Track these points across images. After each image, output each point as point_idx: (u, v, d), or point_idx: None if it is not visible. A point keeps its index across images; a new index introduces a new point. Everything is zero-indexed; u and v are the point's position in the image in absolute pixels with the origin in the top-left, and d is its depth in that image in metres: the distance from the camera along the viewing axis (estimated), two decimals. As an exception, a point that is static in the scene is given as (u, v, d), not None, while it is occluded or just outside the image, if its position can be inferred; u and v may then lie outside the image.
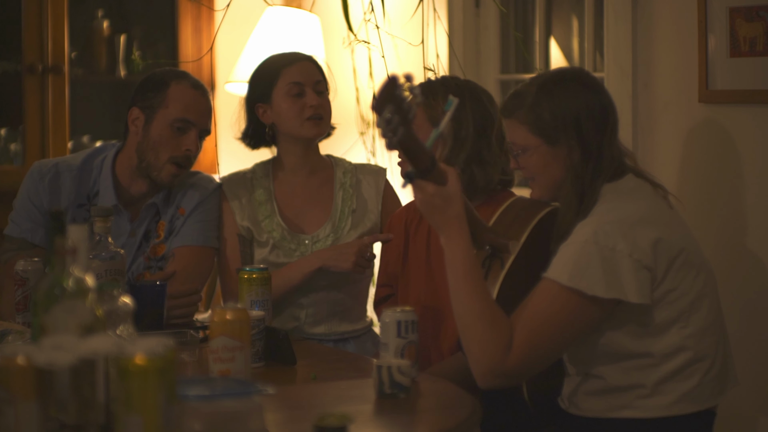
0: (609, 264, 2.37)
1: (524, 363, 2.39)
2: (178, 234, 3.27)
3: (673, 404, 2.44)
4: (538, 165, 2.53)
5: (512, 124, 2.56)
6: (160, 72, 3.33)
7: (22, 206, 3.26)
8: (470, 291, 2.41)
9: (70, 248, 1.93)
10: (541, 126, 2.51)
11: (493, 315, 2.39)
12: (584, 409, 2.52)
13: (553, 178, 2.53)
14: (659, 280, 2.41)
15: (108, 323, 2.10)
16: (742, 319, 3.09)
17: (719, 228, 3.18)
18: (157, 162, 3.23)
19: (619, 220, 2.42)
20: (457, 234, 2.42)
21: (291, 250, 3.31)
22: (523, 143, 2.54)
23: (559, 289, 2.38)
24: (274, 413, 2.17)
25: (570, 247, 2.41)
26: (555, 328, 2.39)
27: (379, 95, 2.23)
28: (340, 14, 4.28)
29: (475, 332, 2.39)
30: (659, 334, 2.43)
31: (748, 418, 3.12)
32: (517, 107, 2.54)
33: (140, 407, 1.72)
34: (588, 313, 2.39)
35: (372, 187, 3.37)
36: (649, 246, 2.40)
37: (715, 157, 3.20)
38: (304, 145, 3.34)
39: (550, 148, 2.51)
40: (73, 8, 4.48)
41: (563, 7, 4.22)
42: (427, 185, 2.40)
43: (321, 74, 3.38)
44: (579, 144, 2.50)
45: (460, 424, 2.20)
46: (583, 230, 2.42)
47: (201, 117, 3.27)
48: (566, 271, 2.38)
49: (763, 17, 3.04)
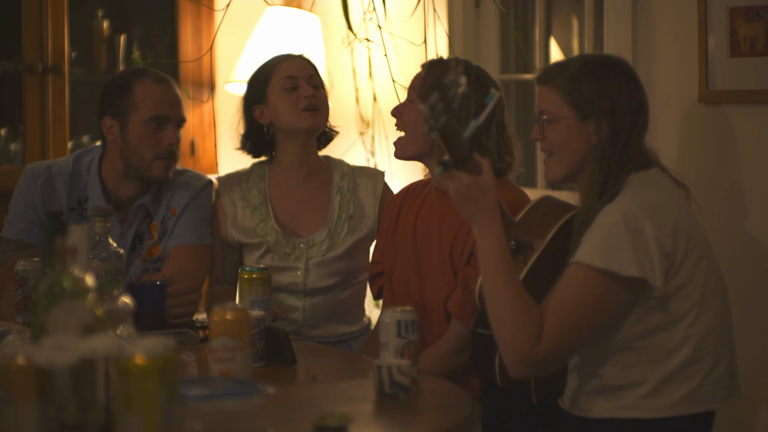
0: (639, 245, 2.38)
1: (555, 351, 2.39)
2: (172, 234, 3.27)
3: (674, 405, 2.44)
4: (562, 136, 2.53)
5: (547, 90, 2.56)
6: (120, 75, 3.34)
7: (17, 207, 3.26)
8: (502, 281, 2.41)
9: (70, 248, 1.93)
10: (577, 98, 2.51)
11: (524, 305, 2.39)
12: (585, 409, 2.52)
13: (572, 154, 2.54)
14: (676, 268, 2.42)
15: (108, 323, 2.10)
16: (742, 318, 3.09)
17: (719, 227, 3.17)
18: (143, 163, 3.23)
19: (647, 204, 2.43)
20: (490, 224, 2.43)
21: (285, 254, 3.30)
22: (554, 111, 2.54)
23: (592, 273, 2.38)
24: (274, 413, 2.17)
25: (599, 230, 2.42)
26: (586, 315, 2.39)
27: (427, 81, 2.23)
28: (340, 14, 4.28)
29: (506, 322, 2.40)
30: (669, 328, 2.44)
31: (747, 416, 3.12)
32: (557, 75, 2.55)
33: (140, 407, 1.72)
34: (618, 296, 2.40)
35: (369, 191, 3.36)
36: (671, 227, 2.42)
37: (715, 157, 3.20)
38: (302, 142, 3.33)
39: (579, 122, 2.52)
40: (73, 8, 4.48)
41: (563, 7, 4.22)
42: (463, 175, 2.40)
43: (314, 69, 3.37)
44: (610, 126, 2.50)
45: (460, 424, 2.20)
46: (611, 212, 2.43)
47: (173, 109, 3.27)
48: (598, 254, 2.38)
49: (763, 17, 3.04)
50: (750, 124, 3.11)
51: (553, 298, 2.41)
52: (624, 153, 2.50)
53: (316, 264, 3.29)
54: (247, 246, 3.34)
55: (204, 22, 4.73)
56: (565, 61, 2.59)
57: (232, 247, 3.35)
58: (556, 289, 2.42)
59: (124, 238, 3.23)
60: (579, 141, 2.52)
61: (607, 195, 2.48)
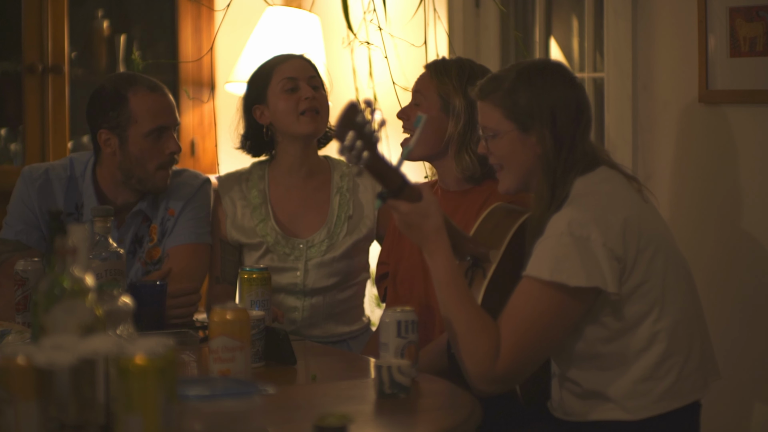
0: (586, 253, 2.36)
1: (514, 366, 2.39)
2: (171, 234, 3.26)
3: (656, 403, 2.43)
4: (507, 151, 2.52)
5: (486, 106, 2.55)
6: (110, 85, 3.25)
7: (15, 209, 3.26)
8: (455, 300, 2.41)
9: (70, 248, 1.93)
10: (515, 111, 2.50)
11: (480, 322, 2.39)
12: (571, 413, 2.51)
13: (520, 167, 2.53)
14: (629, 269, 2.40)
15: (108, 323, 2.10)
16: (738, 316, 3.09)
17: (718, 227, 3.18)
18: (146, 174, 3.21)
19: (591, 208, 2.42)
20: (437, 247, 2.42)
21: (285, 254, 3.30)
22: (495, 127, 2.53)
23: (541, 287, 2.37)
24: (274, 413, 2.17)
25: (546, 241, 2.40)
26: (540, 328, 2.38)
27: (338, 122, 2.25)
28: (340, 14, 4.28)
29: (464, 341, 2.40)
30: (632, 329, 2.43)
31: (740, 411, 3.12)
32: (494, 90, 2.53)
33: (140, 407, 1.72)
34: (571, 307, 2.38)
35: (369, 191, 3.36)
36: (619, 228, 2.39)
37: (715, 157, 3.20)
38: (302, 145, 3.33)
39: (522, 135, 2.50)
40: (73, 8, 4.48)
41: (563, 7, 4.22)
42: (401, 204, 2.41)
43: (315, 70, 3.36)
44: (552, 134, 2.48)
45: (460, 424, 2.20)
46: (557, 223, 2.41)
47: (171, 116, 3.24)
48: (546, 266, 2.37)
49: (763, 17, 3.04)
50: (750, 124, 3.11)
51: (507, 313, 2.40)
52: (569, 158, 2.49)
53: (316, 264, 3.29)
54: (246, 246, 3.34)
55: (204, 22, 4.73)
56: (500, 74, 2.57)
57: (232, 246, 3.35)
58: (509, 303, 2.41)
59: (122, 242, 3.23)
60: (524, 153, 2.51)
61: (556, 203, 2.48)
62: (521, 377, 2.46)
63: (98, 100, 3.25)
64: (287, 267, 3.29)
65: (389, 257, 3.18)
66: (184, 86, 4.69)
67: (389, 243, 3.20)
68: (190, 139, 4.71)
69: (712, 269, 3.18)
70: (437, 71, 3.04)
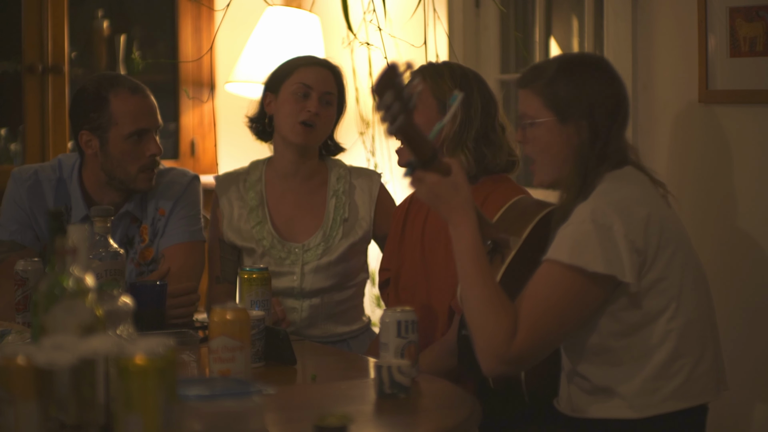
0: (607, 242, 2.38)
1: (528, 348, 2.39)
2: (164, 234, 3.26)
3: (664, 402, 2.44)
4: (544, 140, 2.55)
5: (527, 94, 2.57)
6: (92, 86, 3.22)
7: (8, 209, 3.25)
8: (477, 277, 2.42)
9: (70, 248, 1.93)
10: (555, 101, 2.52)
11: (499, 301, 2.40)
12: (579, 410, 2.52)
13: (555, 157, 2.55)
14: (649, 264, 2.42)
15: (108, 323, 2.10)
16: (740, 317, 3.09)
17: (718, 227, 3.18)
18: (128, 176, 3.20)
19: (616, 200, 2.44)
20: (463, 221, 2.43)
21: (281, 258, 3.30)
22: (534, 114, 2.55)
23: (561, 270, 2.39)
24: (274, 413, 2.17)
25: (569, 227, 2.43)
26: (557, 311, 2.40)
27: (379, 80, 2.24)
28: (340, 14, 4.28)
29: (481, 318, 2.40)
30: (647, 325, 2.44)
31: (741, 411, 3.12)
32: (536, 79, 2.56)
33: (140, 407, 1.72)
34: (588, 292, 2.40)
35: (365, 192, 3.35)
36: (642, 222, 2.41)
37: (715, 157, 3.20)
38: (297, 152, 3.32)
39: (560, 125, 2.53)
40: (73, 8, 4.48)
41: (563, 7, 4.22)
42: (431, 175, 2.41)
43: (336, 87, 3.34)
44: (589, 126, 2.51)
45: (460, 424, 2.20)
46: (581, 211, 2.43)
47: (152, 118, 3.22)
48: (565, 250, 2.39)
49: (763, 17, 3.04)
50: (750, 124, 3.11)
51: (526, 296, 2.41)
52: (603, 151, 2.52)
53: (312, 268, 3.29)
54: (241, 249, 3.34)
55: (204, 22, 4.73)
56: (542, 63, 2.61)
57: (232, 246, 3.35)
58: (528, 286, 2.43)
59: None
60: (560, 143, 2.53)
61: (584, 193, 2.50)
62: (533, 360, 2.46)
63: (80, 101, 3.24)
64: (284, 271, 3.29)
65: (390, 263, 3.17)
66: (184, 86, 4.69)
67: (390, 249, 3.19)
68: (190, 139, 4.71)
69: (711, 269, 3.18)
70: (429, 75, 3.03)
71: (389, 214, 3.30)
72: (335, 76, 3.35)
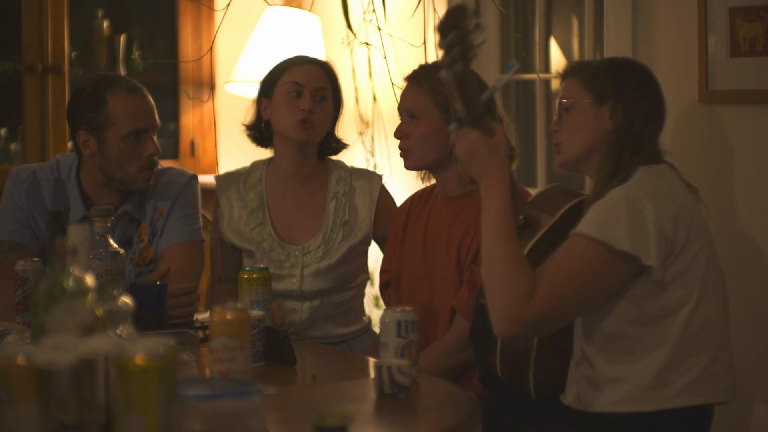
0: (636, 223, 2.41)
1: (543, 314, 2.41)
2: (163, 234, 3.25)
3: (675, 396, 2.45)
4: (578, 120, 2.58)
5: (568, 81, 2.62)
6: (89, 86, 3.22)
7: (7, 209, 3.25)
8: (502, 239, 2.43)
9: (70, 248, 1.93)
10: (594, 84, 2.57)
11: (520, 262, 2.42)
12: (586, 403, 2.52)
13: (585, 139, 2.58)
14: (676, 254, 2.44)
15: (108, 323, 2.10)
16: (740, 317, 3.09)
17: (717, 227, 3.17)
18: (127, 176, 3.19)
19: (650, 189, 2.47)
20: (496, 183, 2.45)
21: (281, 261, 3.29)
22: (572, 97, 2.59)
23: (587, 243, 2.41)
24: (274, 413, 2.17)
25: (601, 205, 2.46)
26: (578, 282, 2.42)
27: (445, 19, 2.24)
28: (340, 14, 4.28)
29: (499, 277, 2.42)
30: (666, 317, 2.46)
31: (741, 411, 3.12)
32: (579, 69, 2.62)
33: (140, 407, 1.72)
34: (612, 269, 2.42)
35: (366, 195, 3.34)
36: (673, 212, 2.45)
37: (715, 157, 3.20)
38: (297, 150, 3.31)
39: (595, 107, 2.57)
40: (73, 8, 4.48)
41: (563, 7, 4.22)
42: (474, 132, 2.43)
43: (328, 83, 3.34)
44: (624, 113, 2.55)
45: (460, 424, 2.20)
46: (616, 192, 2.47)
47: (150, 119, 3.22)
48: (594, 225, 2.42)
49: (763, 17, 3.04)
50: (750, 124, 3.11)
51: (549, 263, 2.44)
52: (637, 141, 2.55)
53: (312, 271, 3.28)
54: (241, 250, 3.34)
55: (204, 22, 4.73)
56: (587, 60, 2.67)
57: (232, 246, 3.35)
58: (553, 255, 2.45)
59: None
60: (594, 128, 2.57)
61: (617, 179, 2.51)
62: (545, 329, 2.47)
63: (77, 101, 3.23)
64: (283, 274, 3.28)
65: (391, 264, 3.17)
66: (184, 86, 4.69)
67: (391, 250, 3.19)
68: (190, 139, 4.71)
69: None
70: (425, 82, 3.03)
71: (390, 216, 3.29)
72: (326, 72, 3.35)
